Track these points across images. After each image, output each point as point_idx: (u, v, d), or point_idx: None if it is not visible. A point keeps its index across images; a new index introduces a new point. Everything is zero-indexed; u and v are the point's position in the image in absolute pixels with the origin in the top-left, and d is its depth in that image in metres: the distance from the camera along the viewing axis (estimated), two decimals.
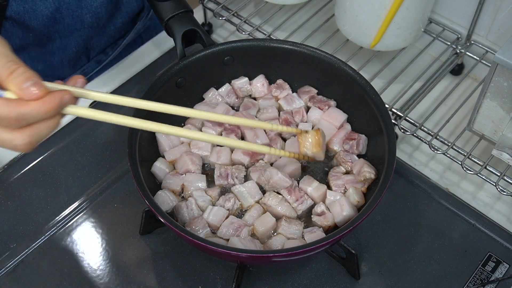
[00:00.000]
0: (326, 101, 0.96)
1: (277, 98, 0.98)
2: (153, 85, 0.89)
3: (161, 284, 0.87)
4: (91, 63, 1.17)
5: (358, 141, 0.91)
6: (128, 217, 0.93)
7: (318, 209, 0.85)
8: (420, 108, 1.05)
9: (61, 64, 1.12)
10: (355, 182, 0.87)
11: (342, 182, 0.87)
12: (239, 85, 0.98)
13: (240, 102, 0.99)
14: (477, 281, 0.86)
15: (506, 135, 0.86)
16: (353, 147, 0.90)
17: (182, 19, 0.91)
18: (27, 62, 1.06)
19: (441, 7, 1.10)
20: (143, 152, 0.85)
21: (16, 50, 1.05)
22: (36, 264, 0.88)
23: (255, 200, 0.87)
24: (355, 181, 0.87)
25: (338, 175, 0.88)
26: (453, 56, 1.10)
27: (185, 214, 0.84)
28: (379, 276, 0.87)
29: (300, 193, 0.86)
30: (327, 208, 0.85)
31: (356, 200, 0.85)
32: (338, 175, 0.88)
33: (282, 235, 0.83)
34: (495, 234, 0.91)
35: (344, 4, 1.02)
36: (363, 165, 0.87)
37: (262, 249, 0.82)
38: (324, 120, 0.94)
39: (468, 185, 0.99)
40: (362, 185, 0.87)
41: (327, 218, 0.84)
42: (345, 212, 0.82)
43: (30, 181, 0.97)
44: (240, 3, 1.16)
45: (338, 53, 1.03)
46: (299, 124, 0.95)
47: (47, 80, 1.21)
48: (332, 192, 0.87)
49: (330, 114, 0.94)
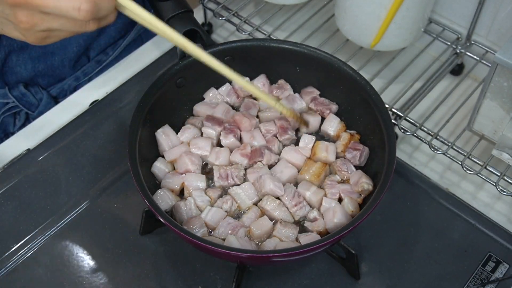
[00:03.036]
0: (328, 104, 0.96)
1: (279, 98, 0.98)
2: (153, 85, 0.89)
3: (161, 284, 0.87)
4: (92, 63, 1.17)
5: (362, 152, 0.89)
6: (128, 217, 0.93)
7: (311, 215, 0.85)
8: (420, 108, 1.05)
9: (61, 64, 1.12)
10: (351, 192, 0.86)
11: (337, 191, 0.86)
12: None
13: (241, 102, 0.99)
14: (477, 281, 0.86)
15: (506, 135, 0.86)
16: (355, 157, 0.89)
17: (182, 19, 0.91)
18: (28, 62, 1.08)
19: (441, 7, 1.10)
20: (143, 152, 0.85)
21: (17, 50, 1.06)
22: (36, 264, 0.88)
23: (253, 201, 0.87)
24: (351, 191, 0.86)
25: (333, 184, 0.87)
26: (453, 56, 1.10)
27: (184, 213, 0.84)
28: (379, 276, 0.87)
29: (299, 198, 0.86)
30: (320, 214, 0.85)
31: (350, 210, 0.84)
32: (333, 184, 0.87)
33: (276, 237, 0.83)
34: (495, 234, 0.91)
35: (344, 4, 1.02)
36: (361, 176, 0.86)
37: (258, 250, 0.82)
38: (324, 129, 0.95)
39: (468, 185, 0.99)
40: (358, 195, 0.86)
41: (318, 224, 0.83)
42: (336, 219, 0.82)
43: (30, 181, 0.97)
44: (240, 3, 1.16)
45: (338, 53, 1.03)
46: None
47: (48, 79, 1.22)
48: (328, 199, 0.86)
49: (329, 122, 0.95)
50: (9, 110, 1.13)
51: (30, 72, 1.10)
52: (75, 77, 1.16)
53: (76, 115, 1.06)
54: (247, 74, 0.99)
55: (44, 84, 1.14)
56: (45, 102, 1.13)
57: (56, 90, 1.15)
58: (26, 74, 1.10)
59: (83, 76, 1.17)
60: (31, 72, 1.10)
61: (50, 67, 1.11)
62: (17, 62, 1.08)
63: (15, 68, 1.08)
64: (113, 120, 1.05)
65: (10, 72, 1.09)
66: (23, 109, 1.12)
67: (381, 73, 1.06)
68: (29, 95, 1.11)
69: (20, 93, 1.11)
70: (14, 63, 1.07)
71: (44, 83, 1.14)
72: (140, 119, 0.85)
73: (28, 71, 1.09)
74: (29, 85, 1.12)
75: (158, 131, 0.91)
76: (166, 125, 0.92)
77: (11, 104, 1.12)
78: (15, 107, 1.12)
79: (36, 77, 1.12)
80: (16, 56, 1.07)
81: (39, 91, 1.13)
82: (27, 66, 1.09)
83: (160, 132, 0.91)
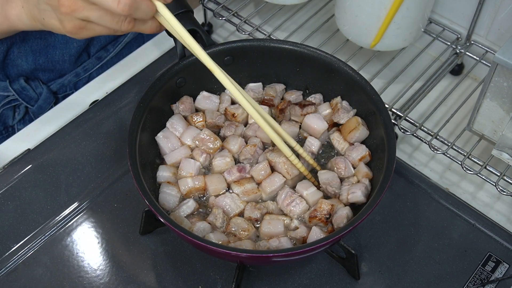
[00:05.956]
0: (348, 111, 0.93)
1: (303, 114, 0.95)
2: (153, 85, 0.89)
3: (161, 284, 0.87)
4: (92, 59, 1.18)
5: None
6: (128, 217, 0.93)
7: (292, 225, 0.84)
8: (420, 108, 1.05)
9: (62, 58, 1.12)
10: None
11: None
12: (252, 87, 0.98)
13: None
14: (477, 281, 0.86)
15: (506, 135, 0.86)
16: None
17: (182, 19, 0.90)
18: (29, 54, 1.09)
19: (441, 7, 1.10)
20: (143, 152, 0.85)
21: (19, 42, 1.06)
22: (36, 264, 0.88)
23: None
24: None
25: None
26: (453, 56, 1.10)
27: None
28: (379, 276, 0.87)
29: (293, 197, 0.85)
30: (301, 223, 0.84)
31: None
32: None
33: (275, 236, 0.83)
34: (495, 234, 0.91)
35: (344, 4, 1.02)
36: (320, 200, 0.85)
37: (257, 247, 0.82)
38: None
39: (468, 185, 0.99)
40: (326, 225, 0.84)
41: (296, 233, 0.83)
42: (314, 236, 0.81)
43: (30, 181, 0.97)
44: (240, 3, 1.16)
45: (338, 53, 1.03)
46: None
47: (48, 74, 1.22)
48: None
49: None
50: (9, 103, 1.13)
51: (31, 65, 1.10)
52: (75, 73, 1.16)
53: (76, 115, 1.06)
54: (247, 74, 0.99)
55: (44, 79, 1.15)
56: (45, 97, 1.13)
57: (56, 86, 1.15)
58: (27, 67, 1.10)
59: (83, 72, 1.17)
60: (32, 65, 1.10)
61: (51, 61, 1.12)
62: (19, 55, 1.08)
63: (16, 61, 1.09)
64: (113, 120, 1.05)
65: (11, 64, 1.09)
66: (22, 103, 1.13)
67: (381, 73, 1.06)
68: (29, 89, 1.12)
69: (21, 87, 1.11)
70: (15, 55, 1.08)
71: (45, 78, 1.14)
72: (140, 119, 0.85)
73: (29, 63, 1.10)
74: (29, 79, 1.13)
75: (158, 135, 0.91)
76: (166, 128, 0.92)
77: (11, 97, 1.12)
78: (15, 100, 1.13)
79: (36, 71, 1.12)
80: (17, 48, 1.07)
81: (39, 86, 1.13)
82: (28, 58, 1.09)
83: (160, 136, 0.91)
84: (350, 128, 0.90)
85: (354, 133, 0.90)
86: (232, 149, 0.90)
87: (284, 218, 0.84)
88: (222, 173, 0.89)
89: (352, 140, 0.90)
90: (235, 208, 0.85)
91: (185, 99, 0.94)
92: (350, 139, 0.91)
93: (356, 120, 0.90)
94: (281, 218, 0.84)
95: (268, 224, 0.83)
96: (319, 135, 0.92)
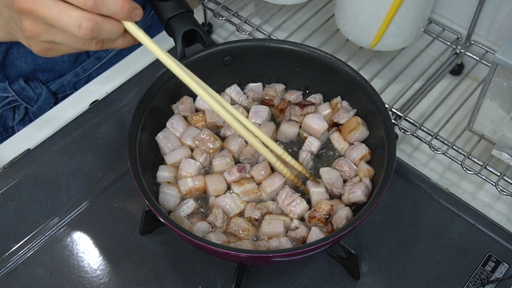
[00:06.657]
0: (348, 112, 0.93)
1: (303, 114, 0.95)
2: (153, 85, 0.89)
3: (161, 284, 0.87)
4: (91, 59, 1.18)
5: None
6: (128, 217, 0.93)
7: (292, 225, 0.85)
8: (420, 108, 1.05)
9: (61, 58, 1.12)
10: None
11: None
12: (252, 87, 0.98)
13: (249, 101, 0.98)
14: (477, 281, 0.86)
15: (506, 135, 0.86)
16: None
17: (182, 19, 0.91)
18: (28, 55, 1.09)
19: (441, 7, 1.10)
20: (143, 152, 0.85)
21: (18, 42, 1.05)
22: (36, 264, 0.88)
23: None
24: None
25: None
26: (453, 56, 1.10)
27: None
28: (379, 276, 0.87)
29: (293, 197, 0.85)
30: (301, 223, 0.84)
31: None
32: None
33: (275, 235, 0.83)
34: (495, 234, 0.91)
35: (344, 4, 1.02)
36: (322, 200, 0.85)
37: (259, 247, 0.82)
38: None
39: (468, 185, 0.99)
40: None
41: (296, 233, 0.83)
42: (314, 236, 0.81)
43: (30, 181, 0.97)
44: (240, 3, 1.16)
45: (338, 53, 1.03)
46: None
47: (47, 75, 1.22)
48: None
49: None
50: (9, 104, 1.13)
51: (30, 66, 1.10)
52: (74, 73, 1.16)
53: (76, 115, 1.06)
54: (247, 74, 0.99)
55: (43, 79, 1.15)
56: (44, 97, 1.13)
57: (55, 86, 1.15)
58: (26, 68, 1.10)
59: (82, 72, 1.17)
60: (31, 66, 1.10)
61: (50, 61, 1.12)
62: (18, 55, 1.08)
63: (16, 61, 1.09)
64: (113, 120, 1.05)
65: (10, 65, 1.09)
66: (22, 104, 1.13)
67: (381, 73, 1.06)
68: (28, 90, 1.12)
69: (20, 88, 1.11)
70: (14, 56, 1.08)
71: (44, 78, 1.14)
72: (140, 119, 0.85)
73: (28, 64, 1.10)
74: (29, 80, 1.13)
75: (158, 135, 0.91)
76: (166, 128, 0.92)
77: (10, 98, 1.12)
78: (14, 101, 1.13)
79: (36, 71, 1.12)
80: (17, 49, 1.07)
81: (38, 86, 1.13)
82: (27, 59, 1.09)
83: (160, 136, 0.91)
84: (350, 128, 0.90)
85: (354, 133, 0.90)
86: (232, 149, 0.90)
87: (284, 218, 0.84)
88: (222, 173, 0.89)
89: (352, 140, 0.91)
90: (235, 208, 0.85)
91: (185, 99, 0.95)
92: (350, 139, 0.91)
93: (356, 120, 0.90)
94: (281, 218, 0.84)
95: (268, 224, 0.83)
96: (319, 135, 0.92)
